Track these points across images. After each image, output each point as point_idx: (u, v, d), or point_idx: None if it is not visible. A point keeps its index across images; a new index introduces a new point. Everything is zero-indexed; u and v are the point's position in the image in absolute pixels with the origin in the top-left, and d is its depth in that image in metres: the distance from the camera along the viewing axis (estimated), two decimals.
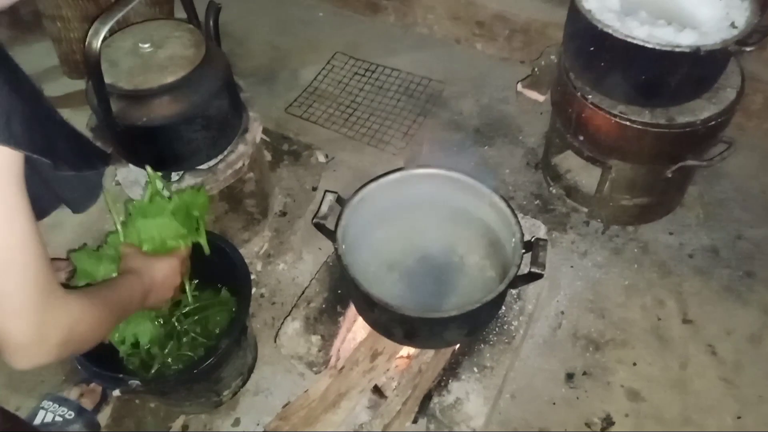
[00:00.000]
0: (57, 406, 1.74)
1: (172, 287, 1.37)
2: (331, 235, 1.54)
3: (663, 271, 2.03)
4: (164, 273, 1.32)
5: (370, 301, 1.43)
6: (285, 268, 2.11)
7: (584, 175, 2.09)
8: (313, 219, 1.57)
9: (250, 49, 2.92)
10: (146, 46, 1.68)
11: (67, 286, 1.02)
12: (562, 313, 1.94)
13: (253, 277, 2.09)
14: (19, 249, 0.75)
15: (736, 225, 2.13)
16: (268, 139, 2.45)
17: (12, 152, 0.71)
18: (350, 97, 2.65)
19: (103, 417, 1.80)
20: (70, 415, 1.73)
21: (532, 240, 1.48)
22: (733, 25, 1.61)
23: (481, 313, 1.44)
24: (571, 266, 2.04)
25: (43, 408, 1.72)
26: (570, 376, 1.82)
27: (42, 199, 0.87)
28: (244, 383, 1.83)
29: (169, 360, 1.62)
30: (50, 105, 0.86)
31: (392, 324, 1.51)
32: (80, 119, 1.82)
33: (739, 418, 1.72)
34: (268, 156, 2.40)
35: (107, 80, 1.58)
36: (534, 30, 2.57)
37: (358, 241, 1.61)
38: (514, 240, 1.51)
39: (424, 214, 1.71)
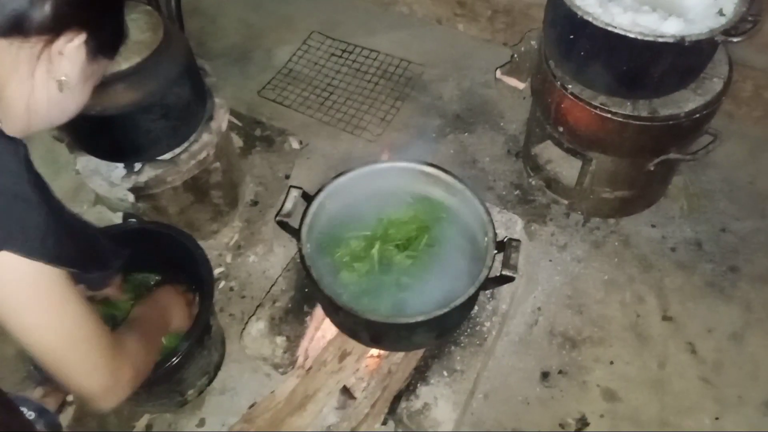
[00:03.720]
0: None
1: (183, 308, 1.48)
2: (295, 233, 1.46)
3: (644, 265, 1.97)
4: (169, 299, 1.46)
5: (334, 304, 1.37)
6: (256, 260, 2.04)
7: (565, 166, 2.02)
8: (276, 216, 1.49)
9: (222, 27, 2.81)
10: None
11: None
12: (539, 309, 1.88)
13: (222, 269, 2.02)
14: (77, 328, 0.91)
15: (721, 217, 2.07)
16: (240, 124, 2.36)
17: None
18: (326, 79, 2.55)
19: (66, 417, 1.74)
20: (30, 415, 1.65)
21: (505, 240, 1.41)
22: (720, 13, 1.52)
23: (449, 317, 1.37)
24: (550, 260, 1.98)
25: None
26: (545, 375, 1.77)
27: None
28: (210, 381, 1.78)
29: None
30: (72, 215, 0.95)
31: (358, 327, 1.45)
32: None
33: (717, 419, 1.68)
34: (239, 142, 2.31)
35: None
36: (517, 11, 2.47)
37: (325, 239, 1.53)
38: (486, 239, 1.44)
39: (396, 209, 1.63)
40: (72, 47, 0.82)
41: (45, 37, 0.80)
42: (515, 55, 2.28)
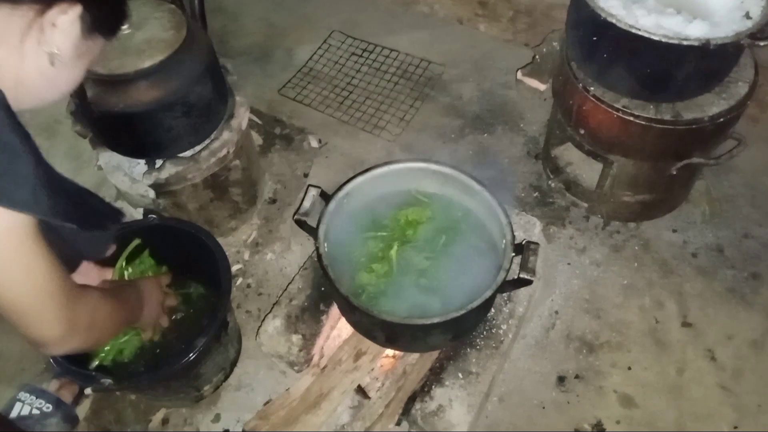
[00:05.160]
0: (34, 398, 1.69)
1: (159, 302, 1.45)
2: (312, 232, 1.47)
3: (664, 270, 1.94)
4: (149, 287, 1.43)
5: (350, 304, 1.37)
6: (273, 257, 2.05)
7: (585, 168, 2.00)
8: (294, 215, 1.50)
9: (244, 26, 2.82)
10: (124, 27, 1.59)
11: None
12: (557, 312, 1.87)
13: (240, 266, 2.03)
14: (43, 281, 0.90)
15: (743, 223, 2.04)
16: (259, 122, 2.37)
17: (30, 217, 0.83)
18: (346, 78, 2.56)
19: (83, 409, 1.76)
20: (47, 408, 1.68)
21: (523, 243, 1.41)
22: (747, 16, 1.49)
23: (466, 319, 1.37)
24: (569, 263, 1.96)
25: (20, 400, 1.67)
26: (561, 380, 1.75)
27: (66, 255, 1.00)
28: (226, 377, 1.79)
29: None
30: (61, 175, 0.95)
31: (373, 328, 1.45)
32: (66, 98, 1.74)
33: (736, 428, 1.66)
34: (259, 140, 2.32)
35: None
36: (539, 11, 2.45)
37: (342, 238, 1.53)
38: (504, 241, 1.43)
39: (414, 210, 1.63)
40: (66, 19, 0.80)
41: (37, 6, 0.77)
42: (537, 56, 2.27)
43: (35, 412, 1.67)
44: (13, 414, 1.65)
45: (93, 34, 0.85)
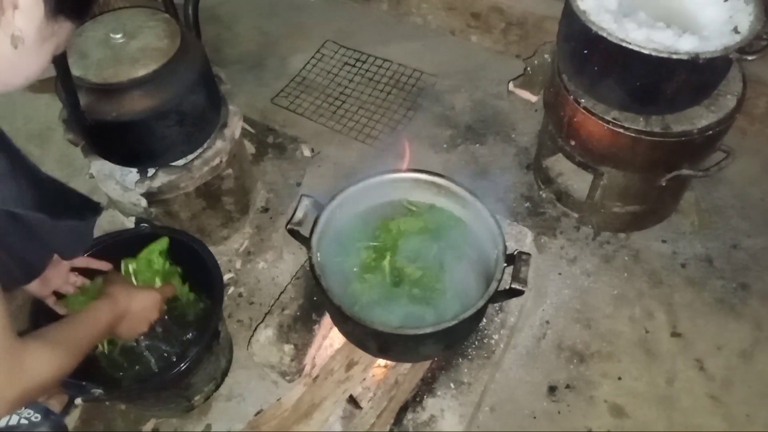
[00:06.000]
0: (22, 407, 1.68)
1: (148, 320, 1.39)
2: (305, 242, 1.47)
3: (654, 280, 1.96)
4: (143, 304, 1.36)
5: (342, 314, 1.37)
6: (265, 266, 2.05)
7: (576, 179, 2.02)
8: (287, 225, 1.50)
9: (238, 34, 2.83)
10: (118, 36, 1.60)
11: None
12: (548, 322, 1.87)
13: (231, 275, 2.03)
14: None
15: (732, 234, 2.06)
16: (252, 131, 2.38)
17: None
18: (339, 88, 2.57)
19: (72, 419, 1.75)
20: (36, 417, 1.67)
21: (515, 253, 1.41)
22: (736, 30, 1.52)
23: (458, 329, 1.37)
24: (559, 273, 1.98)
25: None
26: (552, 389, 1.76)
27: (32, 252, 0.96)
28: (217, 387, 1.78)
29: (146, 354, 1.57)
30: (33, 164, 0.91)
31: (366, 338, 1.45)
32: (58, 105, 1.74)
33: None
34: (251, 148, 2.32)
35: (75, 72, 1.51)
36: (531, 23, 2.47)
37: (335, 248, 1.54)
38: (496, 251, 1.44)
39: (406, 220, 1.63)
40: (28, 1, 0.77)
41: None
42: (528, 68, 2.29)
43: (23, 422, 1.65)
44: (1, 424, 1.64)
45: (58, 16, 0.81)
